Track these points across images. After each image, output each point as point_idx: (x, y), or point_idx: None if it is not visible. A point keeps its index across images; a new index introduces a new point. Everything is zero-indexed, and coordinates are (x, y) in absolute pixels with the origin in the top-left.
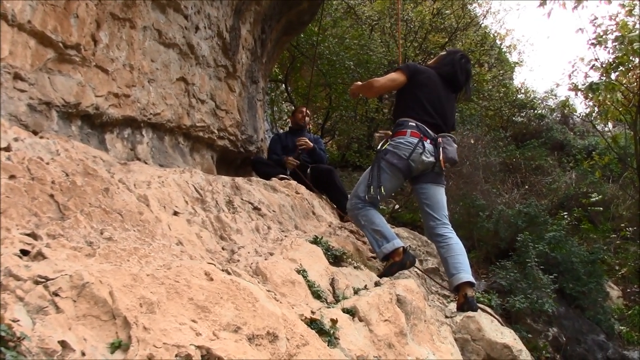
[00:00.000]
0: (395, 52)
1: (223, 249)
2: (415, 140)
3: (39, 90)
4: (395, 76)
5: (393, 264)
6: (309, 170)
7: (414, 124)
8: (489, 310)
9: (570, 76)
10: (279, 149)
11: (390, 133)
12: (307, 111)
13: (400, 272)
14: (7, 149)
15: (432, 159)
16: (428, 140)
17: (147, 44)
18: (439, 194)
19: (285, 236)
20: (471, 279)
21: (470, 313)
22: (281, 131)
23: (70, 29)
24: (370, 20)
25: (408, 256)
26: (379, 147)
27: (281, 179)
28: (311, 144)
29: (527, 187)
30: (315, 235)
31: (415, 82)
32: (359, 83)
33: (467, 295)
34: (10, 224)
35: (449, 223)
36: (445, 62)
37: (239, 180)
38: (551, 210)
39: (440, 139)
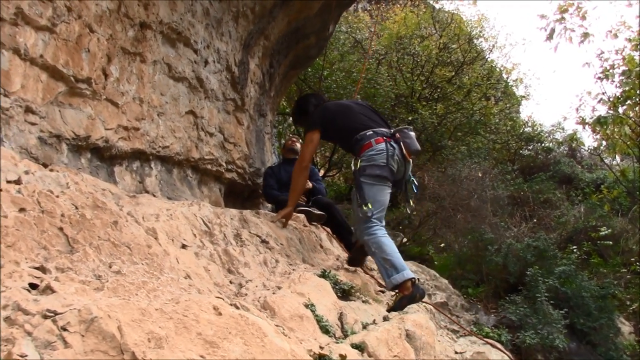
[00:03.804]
0: (403, 86)
1: (231, 282)
2: (383, 145)
3: (50, 124)
4: (312, 137)
5: (403, 298)
6: (310, 203)
7: (371, 132)
8: (499, 345)
9: (577, 110)
10: (274, 183)
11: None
12: (297, 143)
13: (409, 305)
14: (18, 182)
15: (400, 155)
16: (391, 140)
17: (157, 78)
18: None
19: (293, 270)
20: None
21: (481, 348)
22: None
23: (81, 63)
24: (377, 55)
25: (417, 289)
26: (353, 169)
27: (301, 212)
28: (311, 184)
29: (535, 220)
30: (323, 269)
31: (334, 117)
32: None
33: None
34: (20, 257)
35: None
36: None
37: (247, 213)
38: (560, 244)
39: (397, 134)
